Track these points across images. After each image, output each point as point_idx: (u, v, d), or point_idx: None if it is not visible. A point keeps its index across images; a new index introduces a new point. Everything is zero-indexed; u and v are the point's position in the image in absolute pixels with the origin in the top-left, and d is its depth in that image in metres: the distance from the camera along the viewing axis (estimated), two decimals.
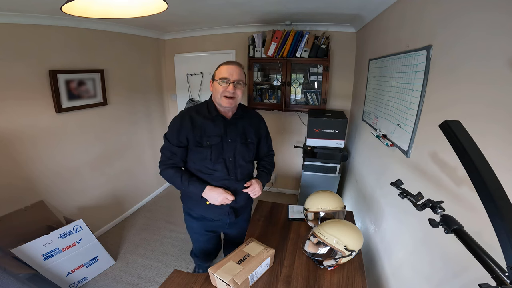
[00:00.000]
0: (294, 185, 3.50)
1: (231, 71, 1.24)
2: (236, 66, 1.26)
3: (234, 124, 1.34)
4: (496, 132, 0.73)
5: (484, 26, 0.82)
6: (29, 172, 2.02)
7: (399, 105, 1.42)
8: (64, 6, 0.79)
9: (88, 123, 2.44)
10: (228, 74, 1.23)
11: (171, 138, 1.30)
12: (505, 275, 0.43)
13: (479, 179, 0.48)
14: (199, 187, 1.29)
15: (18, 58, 1.85)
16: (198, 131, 1.28)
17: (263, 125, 1.50)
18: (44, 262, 1.78)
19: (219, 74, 1.25)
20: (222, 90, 1.23)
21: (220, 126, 1.31)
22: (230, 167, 1.33)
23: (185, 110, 1.34)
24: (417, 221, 1.12)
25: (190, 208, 1.45)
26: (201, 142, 1.28)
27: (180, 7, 2.02)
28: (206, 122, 1.30)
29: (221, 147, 1.30)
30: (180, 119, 1.30)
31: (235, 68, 1.26)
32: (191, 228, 1.53)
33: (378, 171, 1.76)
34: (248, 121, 1.40)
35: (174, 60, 3.36)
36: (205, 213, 1.42)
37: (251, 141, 1.39)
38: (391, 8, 1.67)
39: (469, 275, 0.78)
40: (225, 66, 1.25)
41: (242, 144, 1.35)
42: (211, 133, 1.29)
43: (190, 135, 1.28)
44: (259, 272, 1.13)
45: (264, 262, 1.13)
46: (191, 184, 1.28)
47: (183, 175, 1.30)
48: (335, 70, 2.86)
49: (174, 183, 1.32)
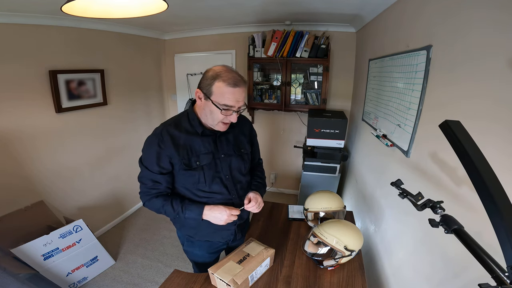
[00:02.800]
0: (294, 185, 3.50)
1: (238, 97, 0.99)
2: (244, 88, 1.01)
3: (225, 136, 1.15)
4: (496, 132, 0.73)
5: (484, 25, 0.82)
6: (29, 172, 2.02)
7: (399, 105, 1.42)
8: (64, 6, 0.79)
9: (88, 123, 2.44)
10: (234, 101, 0.99)
11: (150, 165, 1.06)
12: (505, 275, 0.43)
13: (479, 179, 0.48)
14: (197, 210, 1.09)
15: (18, 58, 1.86)
16: (183, 151, 1.06)
17: (254, 131, 1.32)
18: (44, 262, 1.78)
19: (221, 98, 0.98)
20: (222, 118, 1.02)
21: (209, 141, 1.10)
22: (229, 185, 1.15)
23: (161, 127, 1.08)
24: (417, 221, 1.12)
25: (191, 236, 1.26)
26: (190, 164, 1.07)
27: (180, 7, 2.02)
28: (191, 138, 1.07)
29: (215, 165, 1.11)
30: (158, 140, 1.05)
31: (243, 91, 1.01)
32: (194, 255, 1.33)
33: (378, 171, 1.76)
34: (240, 129, 1.21)
35: (174, 60, 3.36)
36: (210, 238, 1.24)
37: (245, 151, 1.21)
38: (391, 8, 1.67)
39: (469, 275, 0.77)
40: (231, 90, 0.97)
41: (237, 157, 1.17)
42: (200, 151, 1.08)
43: (175, 158, 1.05)
44: (259, 272, 1.13)
45: (264, 262, 1.13)
46: (187, 210, 1.08)
47: (174, 201, 1.09)
48: (335, 70, 2.86)
49: (165, 213, 1.11)
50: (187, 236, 1.28)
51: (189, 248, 1.32)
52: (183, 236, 1.30)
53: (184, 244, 1.33)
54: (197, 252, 1.31)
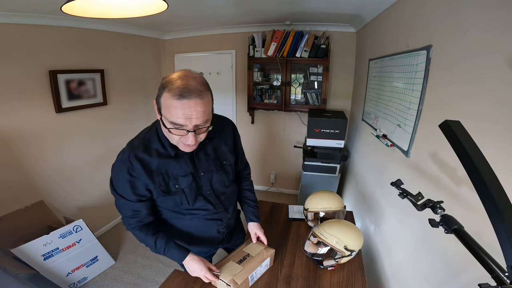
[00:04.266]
0: (294, 185, 3.50)
1: (189, 113, 0.77)
2: (197, 100, 0.76)
3: (203, 151, 1.01)
4: (496, 132, 0.73)
5: (484, 24, 0.81)
6: (29, 172, 2.02)
7: (399, 105, 1.42)
8: (64, 6, 0.79)
9: (88, 123, 2.44)
10: (183, 118, 0.77)
11: (126, 195, 0.94)
12: (505, 275, 0.43)
13: (479, 179, 0.48)
14: (179, 255, 1.02)
15: (18, 58, 1.86)
16: (158, 177, 0.94)
17: (237, 135, 1.15)
18: (44, 262, 1.78)
19: (168, 114, 0.78)
20: (177, 138, 0.85)
21: (186, 161, 0.97)
22: (212, 199, 1.07)
23: (128, 151, 0.93)
24: (417, 221, 1.12)
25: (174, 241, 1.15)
26: (168, 189, 0.97)
27: (180, 7, 2.02)
28: (165, 161, 0.94)
29: (196, 185, 1.01)
30: (127, 167, 0.91)
31: (195, 104, 0.76)
32: None
33: (378, 171, 1.75)
34: (220, 138, 1.06)
35: (174, 60, 3.36)
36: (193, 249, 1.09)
37: (228, 162, 1.08)
38: (391, 8, 1.67)
39: (469, 275, 0.77)
40: (177, 103, 0.75)
41: (219, 171, 1.05)
42: (177, 174, 0.96)
43: (151, 186, 0.94)
44: (259, 272, 1.13)
45: (264, 262, 1.13)
46: (168, 252, 1.02)
47: (158, 239, 1.02)
48: (335, 70, 2.86)
49: (148, 246, 1.05)
50: None
51: None
52: None
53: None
54: None
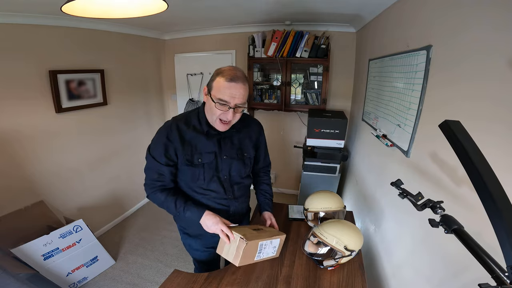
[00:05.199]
0: (294, 185, 3.50)
1: (234, 93, 1.00)
2: (241, 85, 1.00)
3: (230, 139, 1.17)
4: (497, 131, 0.73)
5: (484, 24, 0.82)
6: (29, 172, 2.02)
7: (399, 105, 1.42)
8: (64, 6, 0.79)
9: (88, 123, 2.44)
10: (229, 96, 1.00)
11: (158, 156, 1.10)
12: (505, 275, 0.43)
13: (479, 179, 0.48)
14: (197, 212, 1.10)
15: (18, 58, 1.86)
16: (188, 147, 1.10)
17: (263, 136, 1.32)
18: (44, 262, 1.78)
19: (218, 92, 1.00)
20: (219, 114, 1.04)
21: (214, 141, 1.13)
22: (226, 185, 1.19)
23: (171, 120, 1.14)
24: (417, 221, 1.12)
25: (185, 227, 1.31)
26: (192, 160, 1.11)
27: (180, 7, 2.02)
28: (197, 136, 1.11)
29: (215, 165, 1.14)
30: (168, 132, 1.10)
31: (240, 87, 1.00)
32: (189, 246, 1.36)
33: (378, 171, 1.76)
34: (247, 133, 1.23)
35: (174, 60, 3.36)
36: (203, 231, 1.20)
37: (248, 155, 1.23)
38: (391, 8, 1.67)
39: (469, 275, 0.78)
40: (227, 84, 0.99)
41: (239, 160, 1.19)
42: (203, 149, 1.11)
43: (180, 152, 1.10)
44: (267, 249, 1.11)
45: (275, 240, 1.13)
46: (188, 210, 1.10)
47: (178, 199, 1.12)
48: (335, 70, 2.86)
49: (167, 208, 1.14)
50: (181, 228, 1.33)
51: (185, 240, 1.35)
52: (180, 228, 1.35)
53: (182, 237, 1.37)
54: (193, 245, 1.34)
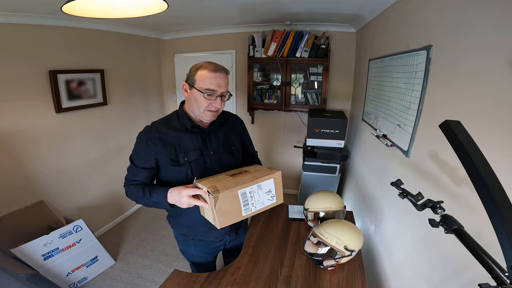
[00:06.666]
0: (294, 185, 3.49)
1: (220, 82, 1.03)
2: (224, 74, 1.06)
3: (214, 133, 1.17)
4: (497, 131, 0.73)
5: (484, 24, 0.81)
6: (29, 172, 2.02)
7: (399, 105, 1.42)
8: (64, 6, 0.79)
9: (88, 123, 2.44)
10: (216, 85, 1.02)
11: (135, 160, 1.11)
12: (505, 275, 0.43)
13: (479, 179, 0.48)
14: (162, 193, 1.03)
15: (18, 58, 1.86)
16: (171, 148, 1.09)
17: (245, 130, 1.34)
18: (44, 262, 1.78)
19: (203, 83, 1.02)
20: (206, 104, 1.04)
21: (198, 138, 1.12)
22: None
23: (150, 125, 1.14)
24: (417, 221, 1.12)
25: (185, 235, 1.27)
26: (177, 160, 1.09)
27: (180, 7, 2.02)
28: (180, 134, 1.10)
29: (203, 161, 1.12)
30: (146, 137, 1.09)
31: (224, 77, 1.05)
32: (188, 254, 1.34)
33: (378, 171, 1.75)
34: (229, 128, 1.23)
35: (174, 60, 3.35)
36: (204, 237, 1.24)
37: (236, 148, 1.23)
38: (391, 8, 1.67)
39: (469, 275, 0.78)
40: (213, 74, 1.02)
41: (227, 154, 1.19)
42: (188, 147, 1.10)
43: (160, 155, 1.08)
44: (257, 199, 0.96)
45: (265, 182, 0.96)
46: (154, 193, 1.05)
47: (145, 186, 1.10)
48: (335, 70, 2.86)
49: (138, 198, 1.11)
50: (181, 235, 1.29)
51: (184, 247, 1.32)
52: (178, 236, 1.31)
53: (179, 244, 1.33)
54: (192, 251, 1.31)
